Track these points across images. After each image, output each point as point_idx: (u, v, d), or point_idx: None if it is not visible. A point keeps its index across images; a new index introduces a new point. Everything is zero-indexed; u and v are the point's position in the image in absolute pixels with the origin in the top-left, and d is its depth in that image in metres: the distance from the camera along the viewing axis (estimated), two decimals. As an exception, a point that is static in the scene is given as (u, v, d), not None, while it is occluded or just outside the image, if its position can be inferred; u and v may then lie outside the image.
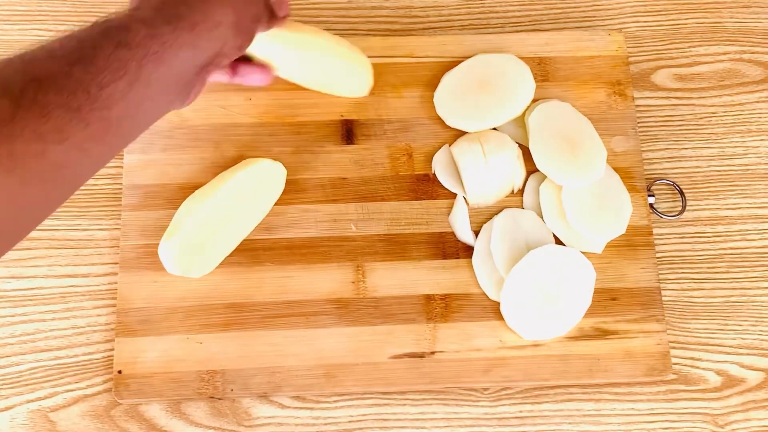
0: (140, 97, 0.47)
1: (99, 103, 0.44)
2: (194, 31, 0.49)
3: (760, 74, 0.72)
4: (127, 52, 0.46)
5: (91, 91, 0.44)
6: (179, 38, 0.48)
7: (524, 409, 0.62)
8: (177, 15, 0.49)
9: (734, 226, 0.68)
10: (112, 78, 0.45)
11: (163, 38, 0.47)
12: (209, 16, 0.50)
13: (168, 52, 0.48)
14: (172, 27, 0.48)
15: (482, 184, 0.64)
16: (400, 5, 0.74)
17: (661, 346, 0.62)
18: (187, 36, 0.49)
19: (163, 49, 0.47)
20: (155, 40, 0.47)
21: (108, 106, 0.45)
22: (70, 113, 0.43)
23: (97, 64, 0.44)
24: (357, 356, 0.61)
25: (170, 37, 0.48)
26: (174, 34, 0.48)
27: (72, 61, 0.44)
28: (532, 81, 0.66)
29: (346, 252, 0.63)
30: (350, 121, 0.67)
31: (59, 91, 0.42)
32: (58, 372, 0.62)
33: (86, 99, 0.43)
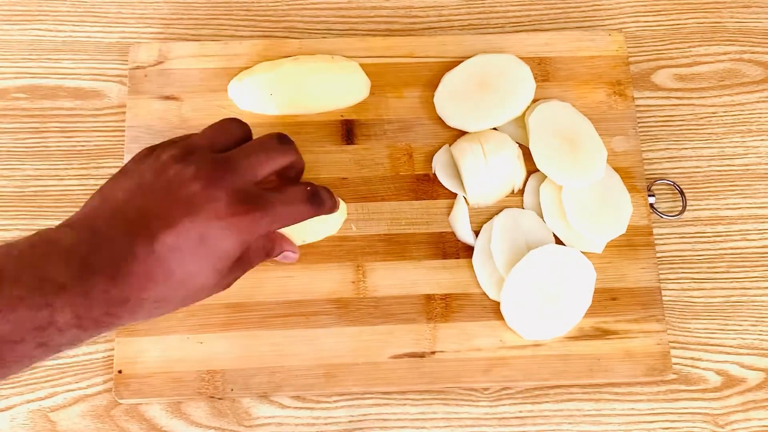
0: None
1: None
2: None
3: (760, 74, 0.72)
4: (45, 350, 0.46)
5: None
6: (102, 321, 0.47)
7: (524, 409, 0.62)
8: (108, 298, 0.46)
9: (734, 226, 0.68)
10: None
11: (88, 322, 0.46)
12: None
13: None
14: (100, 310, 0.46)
15: (482, 184, 0.64)
16: (400, 5, 0.74)
17: (661, 346, 0.62)
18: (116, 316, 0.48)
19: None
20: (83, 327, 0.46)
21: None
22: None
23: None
24: (357, 356, 0.61)
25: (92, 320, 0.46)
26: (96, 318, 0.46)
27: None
28: (533, 81, 0.66)
29: (346, 252, 0.63)
30: (350, 121, 0.67)
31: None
32: (58, 372, 0.62)
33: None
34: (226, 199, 0.49)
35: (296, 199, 0.53)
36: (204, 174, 0.49)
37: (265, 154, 0.53)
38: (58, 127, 0.68)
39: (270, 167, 0.53)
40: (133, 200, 0.49)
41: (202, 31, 0.72)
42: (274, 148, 0.54)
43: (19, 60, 0.70)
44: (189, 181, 0.49)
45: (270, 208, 0.51)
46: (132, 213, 0.49)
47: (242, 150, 0.53)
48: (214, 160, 0.51)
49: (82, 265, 0.46)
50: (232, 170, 0.50)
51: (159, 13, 0.72)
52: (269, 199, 0.51)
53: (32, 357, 0.46)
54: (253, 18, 0.73)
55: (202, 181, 0.49)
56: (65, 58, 0.70)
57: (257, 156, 0.52)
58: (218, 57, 0.68)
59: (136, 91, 0.67)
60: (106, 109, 0.69)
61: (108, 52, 0.70)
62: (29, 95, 0.69)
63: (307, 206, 0.54)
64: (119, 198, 0.50)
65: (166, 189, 0.49)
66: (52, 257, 0.46)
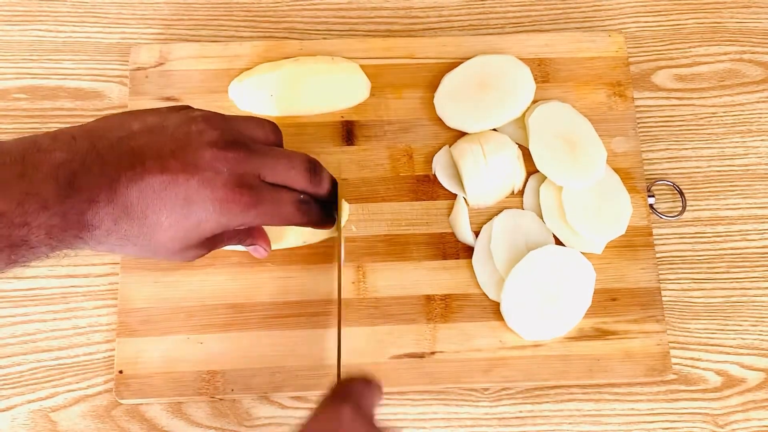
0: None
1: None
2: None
3: (760, 74, 0.72)
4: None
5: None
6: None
7: (524, 410, 0.62)
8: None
9: (734, 227, 0.68)
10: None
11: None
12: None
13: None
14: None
15: (482, 184, 0.64)
16: (400, 6, 0.74)
17: (661, 347, 0.62)
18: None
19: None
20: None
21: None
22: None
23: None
24: (357, 356, 0.61)
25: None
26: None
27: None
28: (532, 82, 0.66)
29: (347, 252, 0.63)
30: (350, 122, 0.67)
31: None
32: (59, 372, 0.62)
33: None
34: (227, 178, 0.49)
35: (287, 202, 0.53)
36: (222, 145, 0.50)
37: (286, 167, 0.53)
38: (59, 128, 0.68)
39: (284, 179, 0.53)
40: (144, 135, 0.49)
41: (203, 32, 0.72)
42: (297, 169, 0.54)
43: (20, 61, 0.70)
44: (206, 144, 0.50)
45: (261, 203, 0.51)
46: (136, 145, 0.49)
47: (270, 149, 0.53)
48: (238, 140, 0.51)
49: (68, 183, 0.46)
50: (248, 158, 0.51)
51: (159, 14, 0.72)
52: (264, 194, 0.52)
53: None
54: (253, 19, 0.73)
55: (216, 151, 0.49)
56: (66, 58, 0.70)
57: (278, 162, 0.53)
58: (219, 58, 0.68)
59: (136, 93, 0.67)
60: (107, 109, 0.69)
61: (108, 53, 0.71)
62: (30, 96, 0.69)
63: (296, 214, 0.54)
64: (133, 128, 0.50)
65: (181, 139, 0.50)
66: (42, 168, 0.46)
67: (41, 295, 0.64)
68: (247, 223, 0.52)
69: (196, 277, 0.62)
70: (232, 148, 0.50)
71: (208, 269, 0.62)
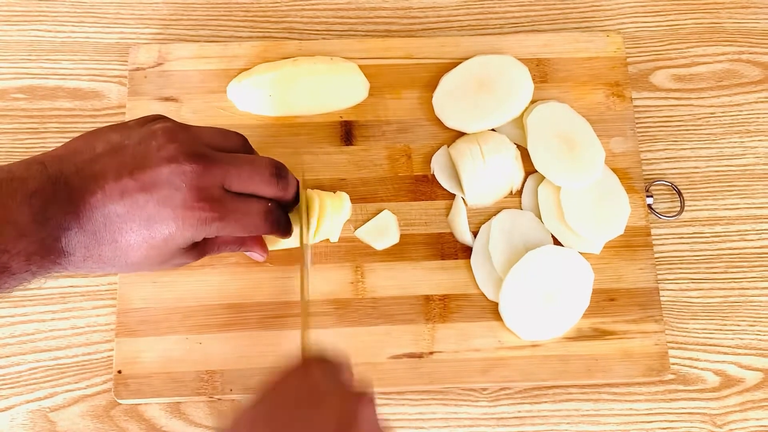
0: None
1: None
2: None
3: (758, 75, 0.72)
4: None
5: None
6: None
7: (523, 409, 0.62)
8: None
9: (732, 227, 0.68)
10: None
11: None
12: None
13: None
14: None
15: (481, 185, 0.64)
16: (399, 6, 0.74)
17: (660, 347, 0.62)
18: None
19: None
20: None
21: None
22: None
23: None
24: (356, 356, 0.60)
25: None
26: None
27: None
28: (531, 82, 0.67)
29: (345, 252, 0.63)
30: (349, 122, 0.67)
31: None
32: (57, 372, 0.62)
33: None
34: (186, 193, 0.49)
35: (254, 212, 0.53)
36: (180, 159, 0.49)
37: (250, 174, 0.53)
38: (58, 128, 0.68)
39: (249, 187, 0.53)
40: (105, 157, 0.50)
41: (201, 32, 0.72)
42: (262, 174, 0.54)
43: (19, 61, 0.70)
44: (164, 160, 0.49)
45: (226, 215, 0.51)
46: (98, 169, 0.49)
47: (232, 157, 0.53)
48: (195, 152, 0.51)
49: (41, 212, 0.47)
50: (208, 169, 0.50)
51: (158, 14, 0.72)
52: (227, 205, 0.51)
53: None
54: (252, 19, 0.73)
55: (173, 166, 0.49)
56: (64, 58, 0.70)
57: (241, 170, 0.52)
58: (217, 58, 0.68)
59: (135, 93, 0.67)
60: (106, 109, 0.69)
61: (107, 53, 0.71)
62: (28, 96, 0.69)
63: (264, 223, 0.54)
64: (97, 150, 0.50)
65: (139, 158, 0.50)
66: (17, 197, 0.47)
67: (40, 295, 0.64)
68: (215, 234, 0.52)
69: (194, 277, 0.62)
70: (190, 160, 0.50)
71: (207, 269, 0.62)
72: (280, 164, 0.55)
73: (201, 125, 0.55)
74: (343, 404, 0.44)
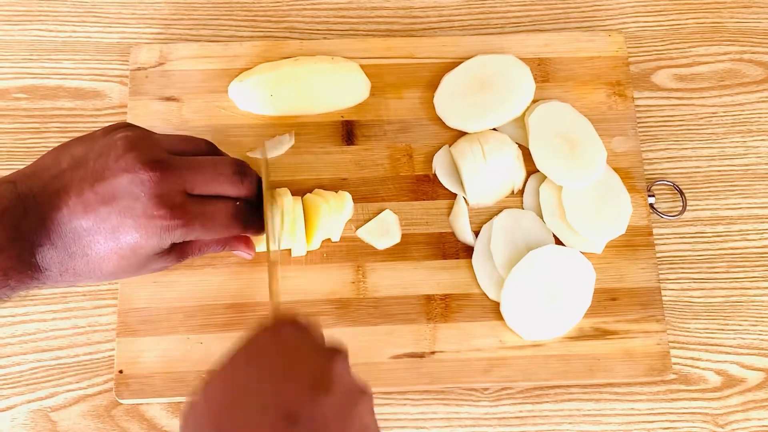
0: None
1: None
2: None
3: (760, 74, 0.72)
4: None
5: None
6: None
7: (524, 409, 0.62)
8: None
9: (734, 226, 0.68)
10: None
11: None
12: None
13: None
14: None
15: (482, 184, 0.64)
16: (401, 6, 0.74)
17: (661, 346, 0.62)
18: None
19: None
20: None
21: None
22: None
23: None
24: (357, 356, 0.60)
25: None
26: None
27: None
28: (532, 81, 0.66)
29: (346, 252, 0.63)
30: (350, 122, 0.67)
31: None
32: (58, 372, 0.62)
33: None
34: (145, 201, 0.50)
35: (221, 213, 0.53)
36: (137, 168, 0.50)
37: (212, 175, 0.53)
38: (59, 128, 0.68)
39: (212, 189, 0.53)
40: (70, 171, 0.50)
41: (203, 31, 0.72)
42: (224, 174, 0.53)
43: (20, 60, 0.70)
44: (122, 170, 0.50)
45: (190, 220, 0.51)
46: (62, 184, 0.50)
47: (193, 160, 0.53)
48: (153, 159, 0.50)
49: (14, 229, 0.48)
50: (166, 175, 0.50)
51: (159, 13, 0.72)
52: (190, 210, 0.51)
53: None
54: (253, 18, 0.73)
55: (131, 176, 0.50)
56: (66, 58, 0.70)
57: (202, 172, 0.52)
58: (219, 58, 0.68)
59: (136, 93, 0.67)
60: (107, 109, 0.69)
61: (108, 53, 0.71)
62: (30, 95, 0.69)
63: (233, 223, 0.54)
64: (62, 165, 0.51)
65: (100, 170, 0.50)
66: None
67: (41, 295, 0.64)
68: (182, 239, 0.52)
69: (196, 277, 0.62)
70: (147, 168, 0.50)
71: (208, 269, 0.62)
72: (242, 162, 0.55)
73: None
74: (316, 360, 0.44)
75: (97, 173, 0.50)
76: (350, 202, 0.62)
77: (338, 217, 0.61)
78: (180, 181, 0.51)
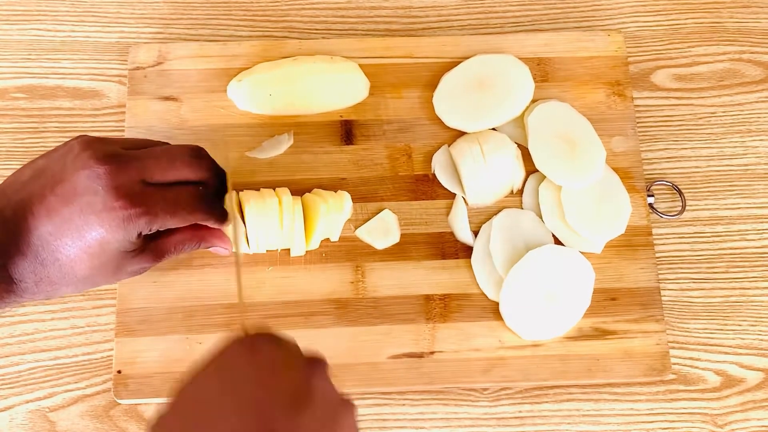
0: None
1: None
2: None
3: (759, 74, 0.72)
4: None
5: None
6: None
7: (524, 409, 0.62)
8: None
9: (733, 226, 0.68)
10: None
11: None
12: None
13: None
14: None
15: (481, 184, 0.64)
16: (400, 5, 0.74)
17: (661, 346, 0.62)
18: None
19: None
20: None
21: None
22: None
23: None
24: (356, 356, 0.61)
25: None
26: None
27: None
28: (531, 81, 0.66)
29: (346, 252, 0.63)
30: (349, 121, 0.67)
31: None
32: (57, 372, 0.62)
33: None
34: (103, 194, 0.50)
35: (184, 198, 0.53)
36: (92, 164, 0.50)
37: (168, 161, 0.53)
38: (57, 127, 0.68)
39: (172, 175, 0.53)
40: (32, 182, 0.51)
41: (202, 31, 0.72)
42: (180, 158, 0.54)
43: (18, 60, 0.70)
44: (79, 168, 0.50)
45: (152, 207, 0.51)
46: (26, 195, 0.50)
47: (147, 151, 0.53)
48: (107, 154, 0.51)
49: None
50: (122, 167, 0.51)
51: (158, 13, 0.72)
52: (151, 198, 0.51)
53: None
54: (252, 18, 0.73)
55: (87, 171, 0.50)
56: (64, 58, 0.70)
57: (158, 160, 0.53)
58: (217, 58, 0.68)
59: (135, 92, 0.67)
60: (105, 109, 0.69)
61: (107, 52, 0.70)
62: (28, 95, 0.69)
63: (198, 207, 0.54)
64: (24, 178, 0.52)
65: (58, 174, 0.51)
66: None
67: (40, 295, 0.64)
68: (149, 229, 0.52)
69: (194, 276, 0.62)
70: (102, 162, 0.50)
71: (207, 269, 0.62)
72: (198, 147, 0.56)
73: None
74: (294, 374, 0.42)
75: (56, 177, 0.51)
76: (349, 202, 0.62)
77: (337, 217, 0.61)
78: (136, 171, 0.51)
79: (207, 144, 0.65)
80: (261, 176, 0.65)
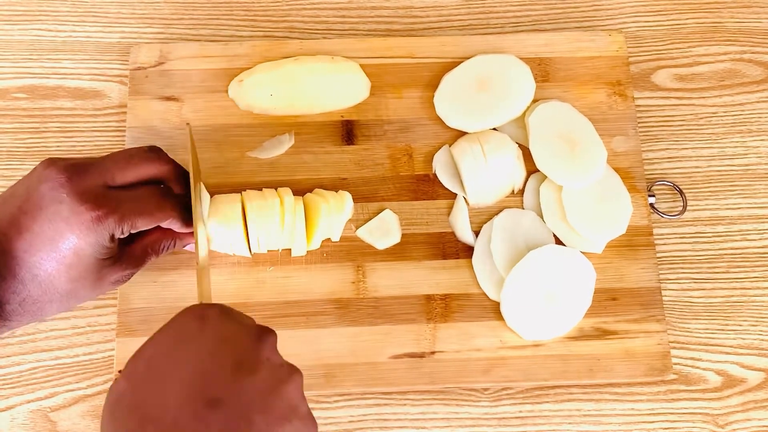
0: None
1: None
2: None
3: (760, 74, 0.72)
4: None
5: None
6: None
7: (524, 409, 0.62)
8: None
9: (734, 226, 0.68)
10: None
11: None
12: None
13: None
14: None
15: (482, 184, 0.64)
16: (401, 5, 0.74)
17: (662, 346, 0.62)
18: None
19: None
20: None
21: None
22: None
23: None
24: (357, 356, 0.61)
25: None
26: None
27: None
28: (532, 81, 0.66)
29: (346, 252, 0.63)
30: (350, 121, 0.67)
31: None
32: (58, 372, 0.62)
33: None
34: (68, 201, 0.50)
35: (147, 196, 0.54)
36: (53, 175, 0.51)
37: (126, 161, 0.54)
38: (59, 128, 0.68)
39: (132, 173, 0.54)
40: (2, 207, 0.52)
41: (203, 31, 0.72)
42: (137, 155, 0.55)
43: (20, 60, 0.70)
44: (40, 183, 0.51)
45: (117, 207, 0.52)
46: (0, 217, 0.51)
47: (106, 156, 0.54)
48: (67, 165, 0.52)
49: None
50: (82, 173, 0.52)
51: (159, 13, 0.72)
52: (115, 198, 0.52)
53: None
54: (253, 18, 0.73)
55: (49, 183, 0.51)
56: (65, 58, 0.70)
57: (116, 161, 0.54)
58: (219, 58, 0.68)
59: (136, 92, 0.67)
60: (107, 109, 0.69)
61: (108, 52, 0.71)
62: (29, 95, 0.69)
63: (163, 204, 0.54)
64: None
65: (24, 193, 0.52)
66: None
67: (41, 295, 0.64)
68: (119, 231, 0.52)
69: (195, 276, 0.62)
70: (63, 171, 0.51)
71: (208, 269, 0.62)
72: (154, 145, 0.56)
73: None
74: (242, 341, 0.44)
75: (22, 196, 0.51)
76: (350, 202, 0.62)
77: (338, 217, 0.61)
78: (98, 175, 0.52)
79: (208, 144, 0.65)
80: (262, 176, 0.65)
